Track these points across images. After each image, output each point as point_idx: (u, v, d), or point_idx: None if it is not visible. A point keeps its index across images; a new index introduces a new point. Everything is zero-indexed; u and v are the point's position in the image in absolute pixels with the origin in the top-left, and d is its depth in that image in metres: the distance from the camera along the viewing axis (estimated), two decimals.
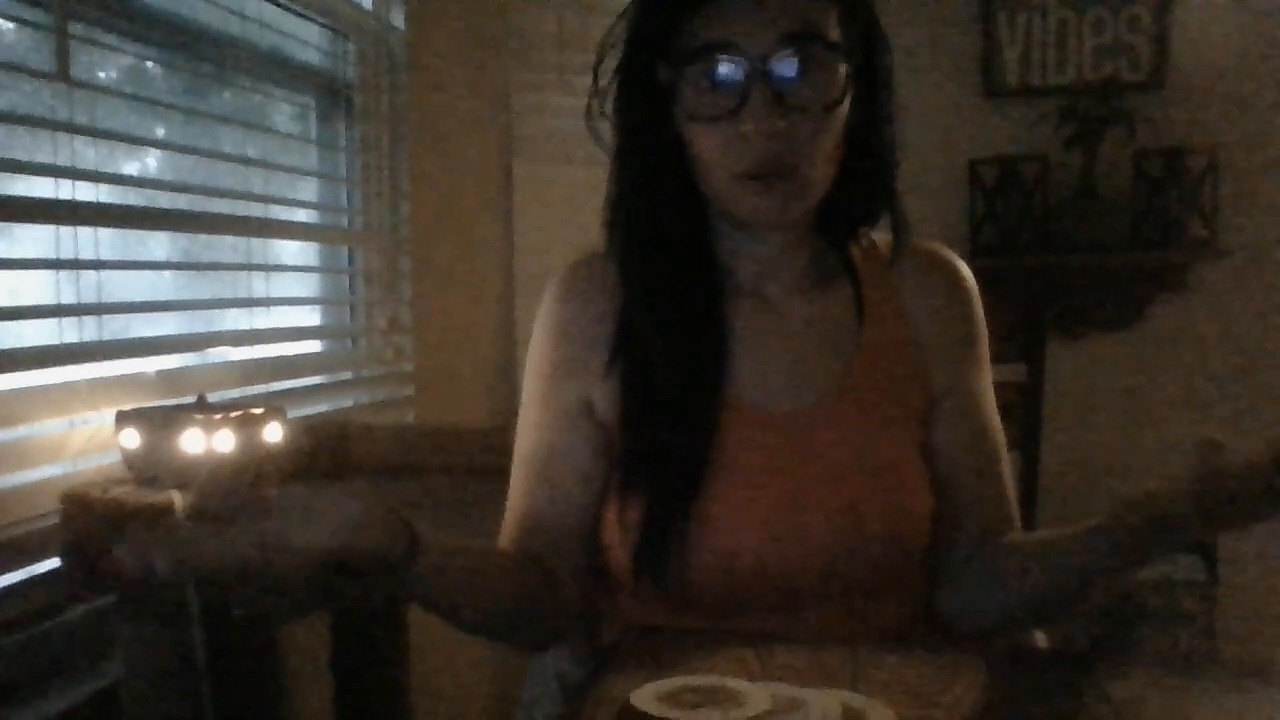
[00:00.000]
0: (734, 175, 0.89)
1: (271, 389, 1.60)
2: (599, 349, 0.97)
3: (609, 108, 0.95)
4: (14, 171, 1.15)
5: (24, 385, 1.13)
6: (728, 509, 0.90)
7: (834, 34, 0.88)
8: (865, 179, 0.95)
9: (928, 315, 0.99)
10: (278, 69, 1.74)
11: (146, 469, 1.08)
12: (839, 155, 0.92)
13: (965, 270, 1.02)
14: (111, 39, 1.35)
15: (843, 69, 0.88)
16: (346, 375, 1.87)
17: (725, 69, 0.86)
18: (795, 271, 0.99)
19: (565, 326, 0.99)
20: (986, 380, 1.01)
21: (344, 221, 1.95)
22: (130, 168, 1.45)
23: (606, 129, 0.96)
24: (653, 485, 0.91)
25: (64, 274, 1.22)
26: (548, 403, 0.98)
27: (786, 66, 0.86)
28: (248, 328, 1.60)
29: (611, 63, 0.94)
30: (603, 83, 0.95)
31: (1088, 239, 2.76)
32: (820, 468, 0.92)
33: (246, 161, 1.58)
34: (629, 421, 0.94)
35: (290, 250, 1.79)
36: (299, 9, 1.74)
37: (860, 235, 1.01)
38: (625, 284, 0.97)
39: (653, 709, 0.68)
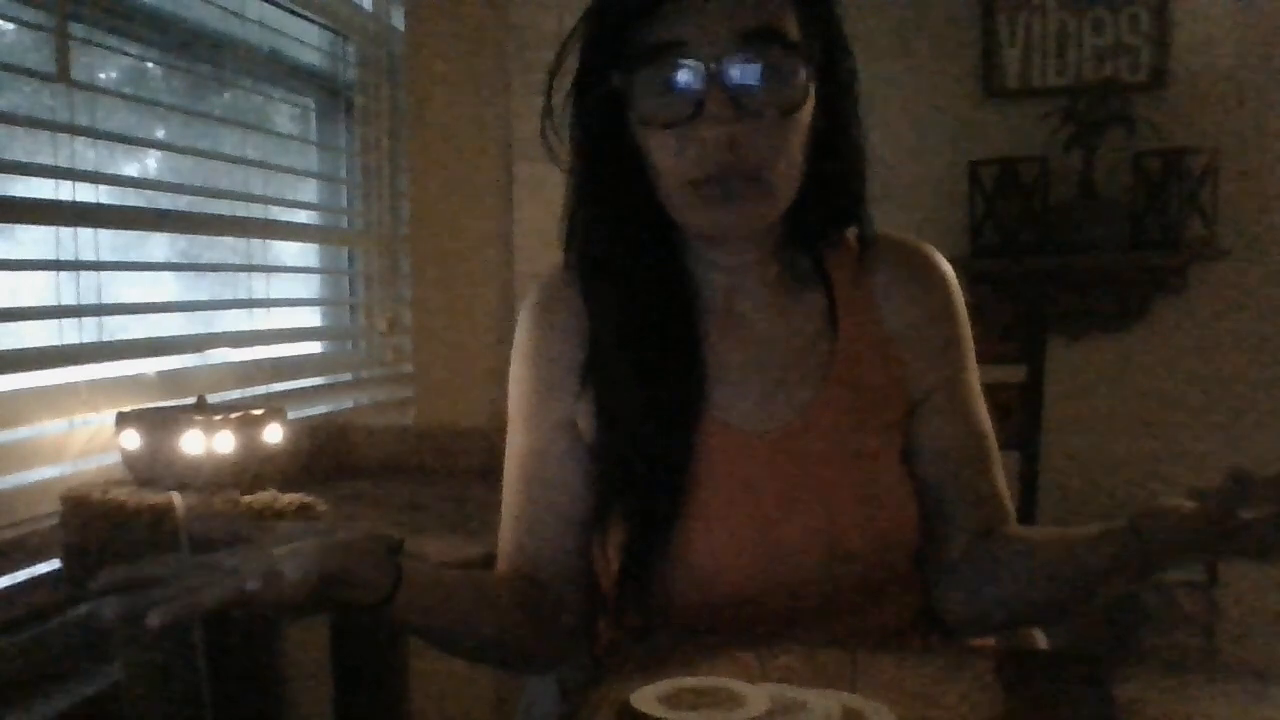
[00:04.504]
0: (691, 183, 0.85)
1: (271, 390, 1.60)
2: (574, 370, 0.94)
3: (565, 120, 0.91)
4: (14, 172, 1.15)
5: (24, 386, 1.13)
6: (708, 531, 0.88)
7: (793, 33, 0.84)
8: (833, 185, 0.92)
9: (903, 312, 0.95)
10: (278, 70, 1.74)
11: (146, 470, 1.08)
12: (804, 162, 0.88)
13: (941, 262, 0.98)
14: (111, 40, 1.35)
15: (803, 71, 0.85)
16: (346, 376, 1.87)
17: (680, 73, 0.83)
18: (766, 284, 0.95)
19: (539, 350, 0.96)
20: (971, 373, 0.98)
21: (344, 222, 1.95)
22: (130, 169, 1.45)
23: (559, 142, 0.92)
24: (632, 509, 0.89)
25: (64, 275, 1.22)
26: (532, 425, 0.96)
27: (744, 70, 0.82)
28: (248, 329, 1.60)
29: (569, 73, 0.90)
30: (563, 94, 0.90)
31: (1088, 239, 2.75)
32: (799, 486, 0.90)
33: (246, 162, 1.58)
34: (604, 445, 0.92)
35: (290, 251, 1.79)
36: (299, 10, 1.74)
37: (831, 238, 0.97)
38: (588, 305, 0.93)
39: (653, 710, 0.68)
